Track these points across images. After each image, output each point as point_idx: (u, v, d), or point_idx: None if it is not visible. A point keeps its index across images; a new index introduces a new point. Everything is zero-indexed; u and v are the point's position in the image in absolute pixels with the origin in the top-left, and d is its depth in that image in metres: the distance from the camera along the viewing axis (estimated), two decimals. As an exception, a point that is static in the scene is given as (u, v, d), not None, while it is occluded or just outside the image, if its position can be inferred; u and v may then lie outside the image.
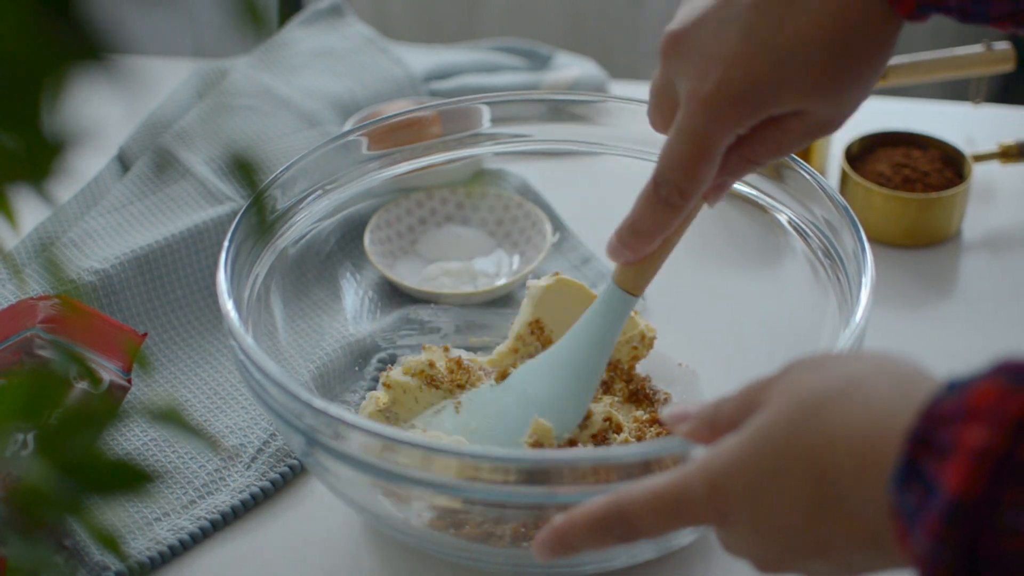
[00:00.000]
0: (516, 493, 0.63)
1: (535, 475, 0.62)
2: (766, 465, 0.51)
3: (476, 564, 0.73)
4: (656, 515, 0.53)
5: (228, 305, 0.71)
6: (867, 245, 0.73)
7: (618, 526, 0.54)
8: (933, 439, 0.45)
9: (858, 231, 0.74)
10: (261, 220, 0.66)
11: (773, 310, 0.84)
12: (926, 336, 0.94)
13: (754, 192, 0.84)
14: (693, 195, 0.66)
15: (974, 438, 0.43)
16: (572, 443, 0.77)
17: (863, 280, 0.71)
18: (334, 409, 0.64)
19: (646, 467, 0.61)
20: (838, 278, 0.76)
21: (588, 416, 0.78)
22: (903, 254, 1.01)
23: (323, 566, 0.76)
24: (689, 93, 0.63)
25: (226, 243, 0.75)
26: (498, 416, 0.77)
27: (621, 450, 0.64)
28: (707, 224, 0.94)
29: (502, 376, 0.80)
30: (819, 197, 0.79)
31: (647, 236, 0.69)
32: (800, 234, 0.81)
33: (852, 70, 0.62)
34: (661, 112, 0.67)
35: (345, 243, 0.94)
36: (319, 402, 0.65)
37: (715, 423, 0.56)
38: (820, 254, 0.79)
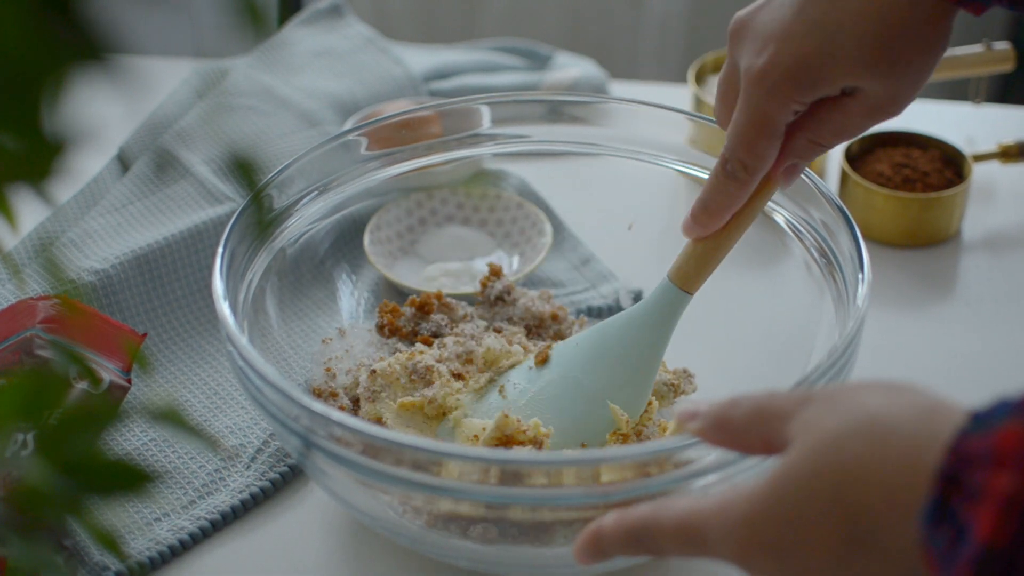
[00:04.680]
0: (510, 495, 0.63)
1: (537, 475, 0.62)
2: (790, 513, 0.50)
3: (474, 565, 0.73)
4: (677, 543, 0.54)
5: (224, 308, 0.71)
6: (863, 246, 0.72)
7: (645, 542, 0.55)
8: (963, 479, 0.45)
9: (854, 232, 0.74)
10: (259, 220, 0.66)
11: (770, 311, 0.84)
12: (926, 336, 0.94)
13: None
14: (757, 170, 0.70)
15: (1002, 485, 0.43)
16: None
17: (860, 281, 0.71)
18: (330, 411, 0.64)
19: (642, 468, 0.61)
20: (834, 279, 0.76)
21: None
22: (903, 254, 1.01)
23: (322, 566, 0.76)
24: (745, 70, 0.67)
25: (221, 245, 0.74)
26: (552, 402, 0.78)
27: (621, 450, 0.64)
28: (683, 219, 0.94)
29: (542, 359, 0.80)
30: (816, 198, 0.78)
31: (717, 212, 0.72)
32: (797, 235, 0.81)
33: (902, 49, 0.65)
34: (725, 101, 0.71)
35: (341, 244, 0.94)
36: (316, 405, 0.65)
37: (724, 425, 0.56)
38: (816, 255, 0.79)
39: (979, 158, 1.06)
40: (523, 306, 0.89)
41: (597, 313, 0.95)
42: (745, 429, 0.54)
